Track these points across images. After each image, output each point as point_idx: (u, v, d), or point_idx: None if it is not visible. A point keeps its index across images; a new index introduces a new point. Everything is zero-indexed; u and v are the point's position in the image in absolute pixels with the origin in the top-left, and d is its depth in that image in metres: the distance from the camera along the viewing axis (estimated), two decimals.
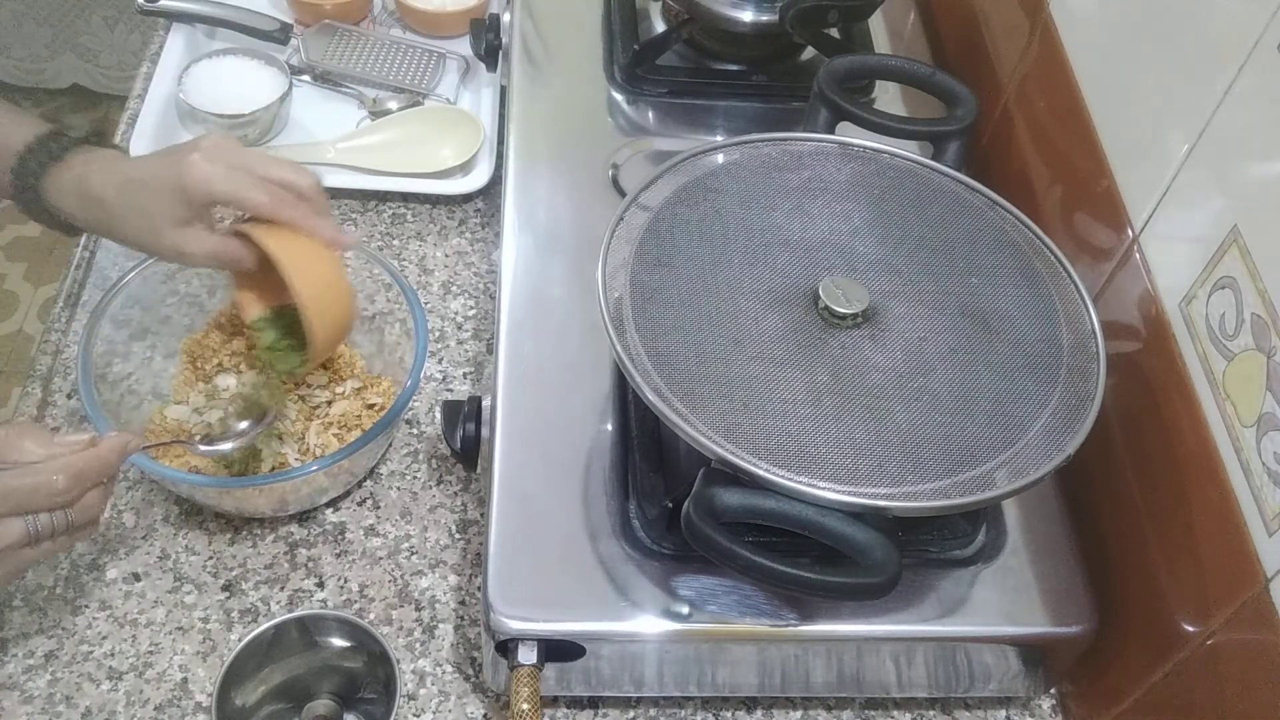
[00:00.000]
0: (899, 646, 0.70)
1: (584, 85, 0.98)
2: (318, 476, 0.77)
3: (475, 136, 1.06)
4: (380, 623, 0.78)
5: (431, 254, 1.00)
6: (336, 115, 1.09)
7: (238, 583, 0.79)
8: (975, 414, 0.64)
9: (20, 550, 0.63)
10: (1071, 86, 0.81)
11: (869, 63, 0.93)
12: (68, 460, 0.63)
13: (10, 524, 0.62)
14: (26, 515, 0.62)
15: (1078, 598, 0.71)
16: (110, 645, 0.76)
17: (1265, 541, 0.60)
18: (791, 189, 0.75)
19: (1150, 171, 0.72)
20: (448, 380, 0.92)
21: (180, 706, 0.74)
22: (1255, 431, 0.61)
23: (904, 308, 0.69)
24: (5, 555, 0.62)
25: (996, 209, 0.75)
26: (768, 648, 0.70)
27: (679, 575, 0.69)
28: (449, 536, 0.83)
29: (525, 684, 0.66)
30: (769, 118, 0.98)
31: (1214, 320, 0.65)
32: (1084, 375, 0.66)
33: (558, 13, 1.04)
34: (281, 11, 1.16)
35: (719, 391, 0.63)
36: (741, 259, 0.71)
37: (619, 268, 0.68)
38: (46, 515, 0.63)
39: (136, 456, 0.74)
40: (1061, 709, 0.78)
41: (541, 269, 0.84)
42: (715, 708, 0.77)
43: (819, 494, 0.59)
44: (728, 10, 0.95)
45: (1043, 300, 0.70)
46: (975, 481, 0.61)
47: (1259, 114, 0.62)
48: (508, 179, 0.90)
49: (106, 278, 0.95)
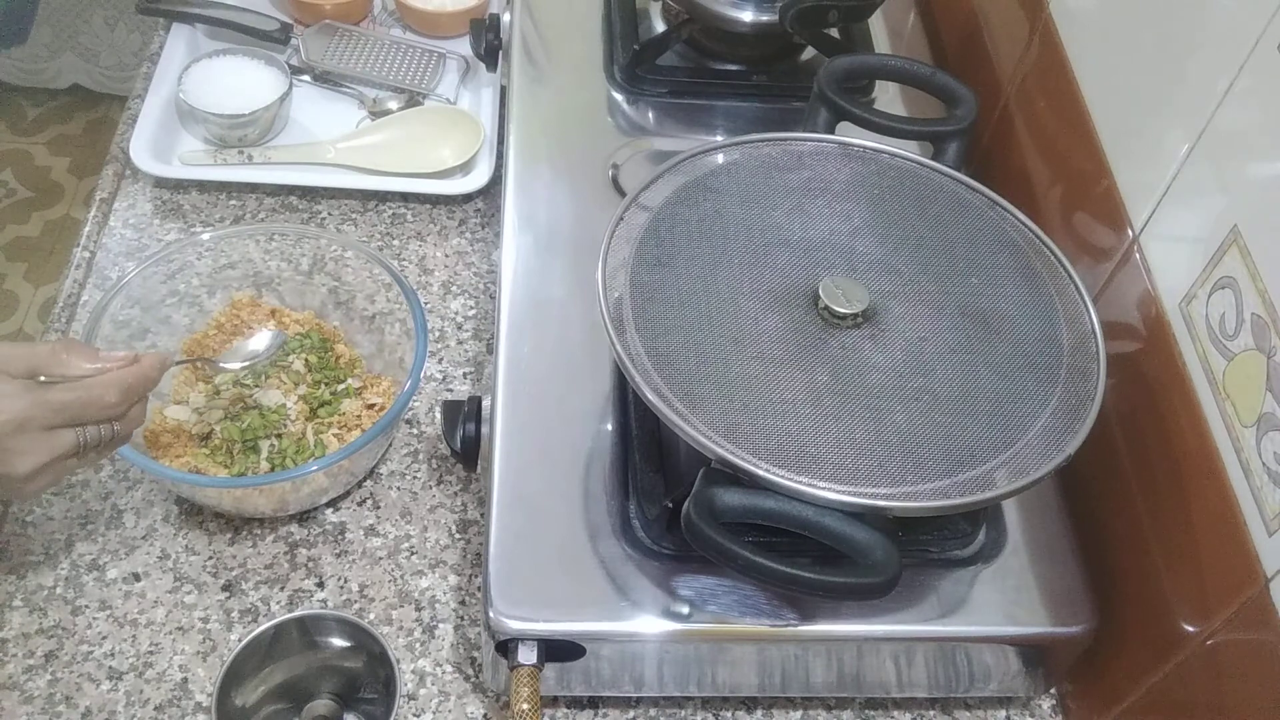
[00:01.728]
0: (899, 646, 0.70)
1: (584, 85, 0.98)
2: (318, 476, 0.77)
3: (475, 136, 1.06)
4: (380, 623, 0.78)
5: (431, 254, 1.00)
6: (336, 115, 1.09)
7: (238, 583, 0.79)
8: (975, 414, 0.64)
9: (67, 460, 0.65)
10: (1071, 86, 0.81)
11: (869, 63, 0.93)
12: (118, 375, 0.66)
13: (63, 435, 0.64)
14: (78, 427, 0.65)
15: (1078, 598, 0.71)
16: (110, 645, 0.76)
17: (1265, 541, 0.60)
18: (791, 189, 0.75)
19: (1150, 171, 0.72)
20: (448, 380, 0.92)
21: (180, 706, 0.74)
22: (1255, 431, 0.61)
23: (904, 308, 0.69)
24: (54, 464, 0.64)
25: (996, 209, 0.75)
26: (768, 648, 0.70)
27: (679, 575, 0.69)
28: (449, 536, 0.83)
29: (525, 684, 0.66)
30: (769, 118, 0.98)
31: (1214, 320, 0.64)
32: (1084, 375, 0.66)
33: (558, 13, 1.04)
34: (281, 11, 1.16)
35: (719, 391, 0.63)
36: (741, 259, 0.70)
37: (619, 268, 0.68)
38: (94, 428, 0.65)
39: (136, 456, 0.74)
40: (1061, 709, 0.78)
41: (541, 269, 0.84)
42: (715, 708, 0.76)
43: (819, 494, 0.59)
44: (728, 10, 0.95)
45: (1043, 300, 0.70)
46: (975, 481, 0.61)
47: (1259, 114, 0.62)
48: (508, 179, 0.90)
49: (106, 278, 0.95)
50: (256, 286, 0.90)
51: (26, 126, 2.35)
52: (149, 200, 1.02)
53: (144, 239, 0.99)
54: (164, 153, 1.02)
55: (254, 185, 1.03)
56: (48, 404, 0.63)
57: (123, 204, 1.01)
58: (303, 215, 1.02)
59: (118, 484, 0.83)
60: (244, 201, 1.02)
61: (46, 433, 0.63)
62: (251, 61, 1.07)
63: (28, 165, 2.29)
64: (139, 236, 0.99)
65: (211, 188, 1.03)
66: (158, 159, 1.01)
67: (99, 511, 0.82)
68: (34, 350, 0.65)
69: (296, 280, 0.89)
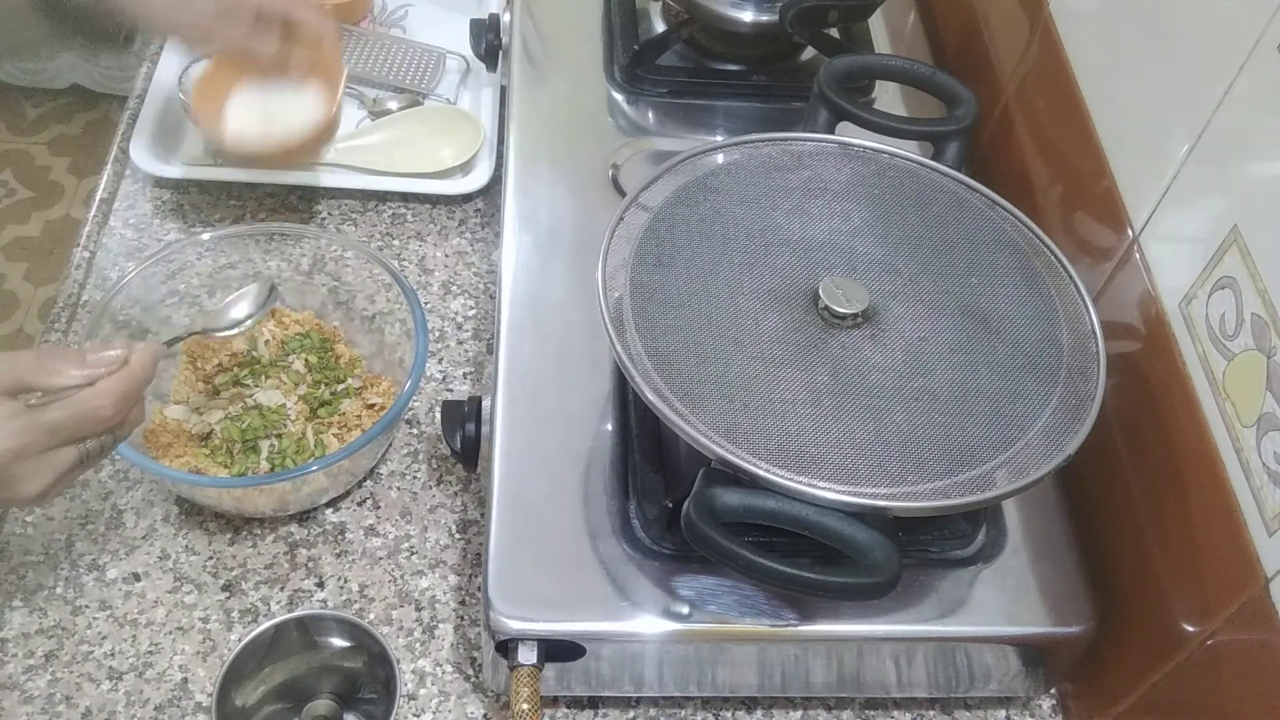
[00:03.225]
0: (899, 646, 0.70)
1: (584, 85, 0.98)
2: (318, 476, 0.77)
3: (475, 136, 1.06)
4: (380, 623, 0.78)
5: (431, 254, 1.00)
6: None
7: (238, 583, 0.79)
8: (975, 414, 0.64)
9: (73, 471, 0.63)
10: (1071, 86, 0.81)
11: (869, 63, 0.93)
12: (110, 384, 0.62)
13: (63, 452, 0.61)
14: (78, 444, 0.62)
15: (1078, 598, 0.71)
16: (110, 645, 0.76)
17: (1265, 541, 0.60)
18: (791, 189, 0.75)
19: (1150, 171, 0.72)
20: (448, 380, 0.92)
21: (180, 706, 0.74)
22: (1255, 431, 0.61)
23: (904, 308, 0.69)
24: (60, 480, 0.62)
25: (996, 209, 0.75)
26: (768, 648, 0.70)
27: (679, 575, 0.69)
28: (449, 536, 0.83)
29: (525, 684, 0.66)
30: (769, 118, 0.98)
31: (1214, 320, 0.64)
32: (1084, 375, 0.66)
33: (558, 13, 1.04)
34: None
35: (719, 391, 0.63)
36: (741, 259, 0.70)
37: (619, 268, 0.68)
38: (95, 441, 0.63)
39: (136, 456, 0.74)
40: (1061, 709, 0.78)
41: (541, 269, 0.84)
42: (715, 708, 0.77)
43: (819, 494, 0.59)
44: (728, 10, 0.95)
45: (1043, 300, 0.70)
46: (975, 481, 0.61)
47: (1259, 114, 0.62)
48: (508, 179, 0.90)
49: (106, 278, 0.95)
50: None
51: (26, 126, 2.35)
52: (149, 200, 1.02)
53: (144, 239, 0.99)
54: (164, 153, 1.03)
55: (254, 185, 1.03)
56: (42, 427, 0.60)
57: (123, 204, 1.01)
58: (303, 215, 1.02)
59: (118, 484, 0.83)
60: (244, 201, 1.02)
61: (47, 454, 0.61)
62: None
63: (28, 165, 2.29)
64: (139, 236, 0.99)
65: (211, 188, 1.03)
66: (158, 159, 1.01)
67: (99, 511, 0.82)
68: (14, 362, 0.61)
69: (296, 280, 0.89)
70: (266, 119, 0.88)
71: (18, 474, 0.60)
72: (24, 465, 0.60)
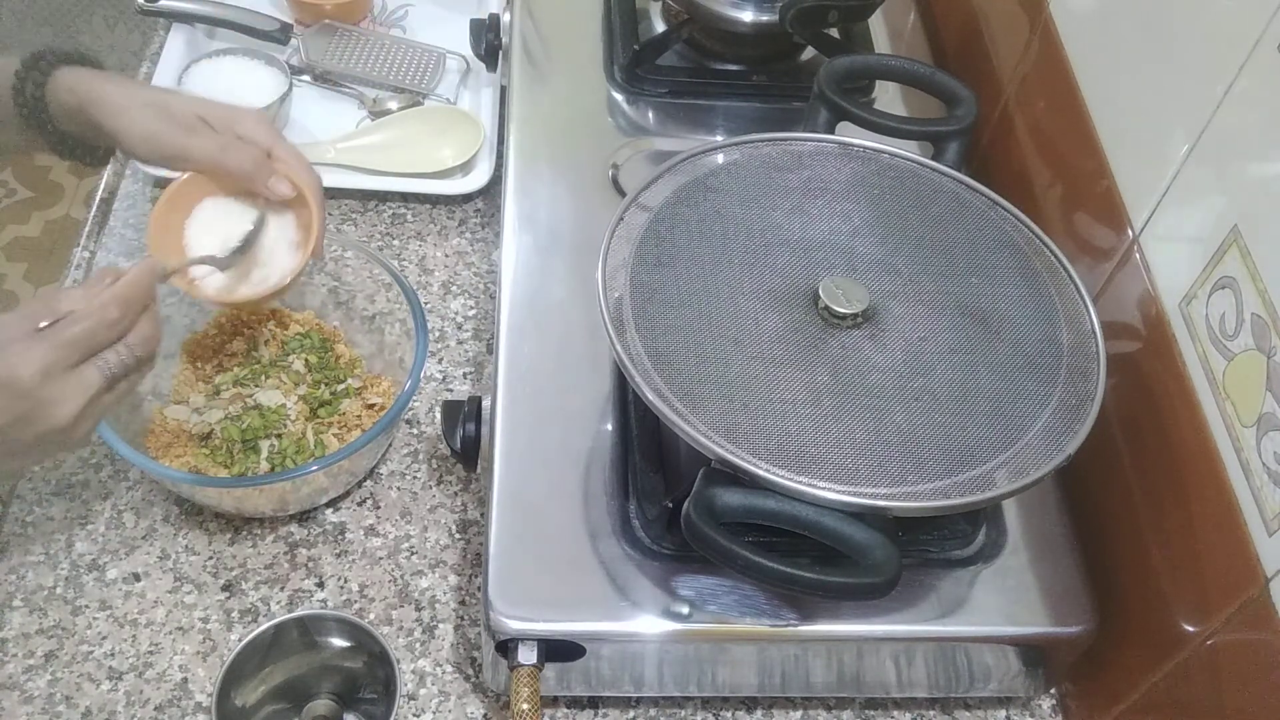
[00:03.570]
0: (899, 646, 0.70)
1: (584, 85, 0.98)
2: (318, 476, 0.77)
3: (475, 137, 1.06)
4: (380, 623, 0.78)
5: (431, 254, 1.00)
6: (336, 115, 1.09)
7: (238, 583, 0.79)
8: (975, 414, 0.64)
9: (101, 397, 0.65)
10: (1071, 86, 0.81)
11: (869, 63, 0.93)
12: (111, 291, 0.65)
13: (87, 372, 0.64)
14: (97, 359, 0.64)
15: (1078, 598, 0.71)
16: (110, 645, 0.76)
17: (1265, 541, 0.60)
18: (791, 189, 0.75)
19: (1150, 171, 0.72)
20: (448, 380, 0.92)
21: (180, 706, 0.74)
22: (1255, 431, 0.61)
23: (904, 308, 0.69)
24: (91, 405, 0.64)
25: (996, 209, 0.75)
26: (768, 648, 0.70)
27: (679, 575, 0.69)
28: (449, 536, 0.83)
29: (525, 684, 0.66)
30: (769, 118, 0.98)
31: (1214, 320, 0.64)
32: (1084, 375, 0.66)
33: (558, 13, 1.04)
34: (281, 11, 1.16)
35: (719, 391, 0.63)
36: (741, 259, 0.70)
37: (619, 268, 0.68)
38: (113, 354, 0.65)
39: (136, 456, 0.74)
40: (1061, 709, 0.78)
41: (541, 269, 0.84)
42: (715, 708, 0.77)
43: (819, 494, 0.59)
44: (728, 10, 0.95)
45: (1043, 300, 0.70)
46: (975, 481, 0.61)
47: (1259, 114, 0.62)
48: (508, 179, 0.90)
49: None
50: None
51: None
52: (149, 200, 1.02)
53: (144, 239, 0.98)
54: None
55: None
56: (60, 342, 0.62)
57: (123, 204, 1.01)
58: None
59: (118, 484, 0.83)
60: None
61: (72, 373, 0.63)
62: (251, 61, 1.07)
63: (28, 165, 2.29)
64: (139, 236, 0.99)
65: None
66: None
67: (99, 511, 0.82)
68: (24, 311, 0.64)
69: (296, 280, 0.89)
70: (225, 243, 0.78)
71: (48, 397, 0.62)
72: (52, 386, 0.62)
